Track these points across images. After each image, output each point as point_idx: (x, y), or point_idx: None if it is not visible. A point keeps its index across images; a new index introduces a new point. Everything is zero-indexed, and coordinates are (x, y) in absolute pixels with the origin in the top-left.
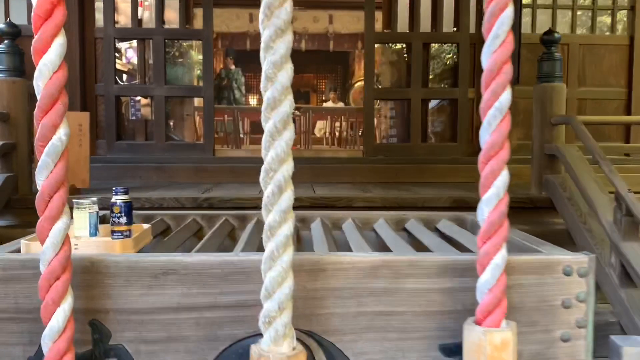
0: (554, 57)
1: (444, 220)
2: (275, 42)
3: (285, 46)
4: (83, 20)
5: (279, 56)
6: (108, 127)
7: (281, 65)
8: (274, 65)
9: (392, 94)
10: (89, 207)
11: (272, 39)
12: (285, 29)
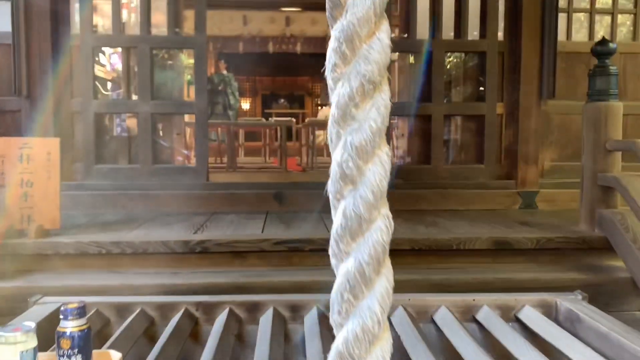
0: (608, 71)
1: (528, 309)
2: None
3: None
4: (56, 25)
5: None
6: (86, 149)
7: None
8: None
9: (411, 110)
10: (21, 342)
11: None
12: (379, 82)
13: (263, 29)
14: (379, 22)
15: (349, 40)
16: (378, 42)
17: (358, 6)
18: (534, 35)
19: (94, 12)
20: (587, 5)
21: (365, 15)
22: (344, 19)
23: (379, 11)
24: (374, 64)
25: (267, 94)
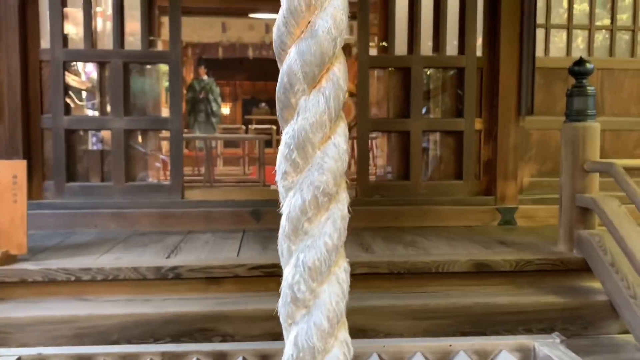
0: (586, 91)
1: (505, 354)
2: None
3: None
4: (25, 39)
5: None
6: (57, 167)
7: None
8: None
9: (390, 125)
10: None
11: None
12: (335, 192)
13: (242, 36)
14: (335, 125)
15: (301, 148)
16: (334, 147)
17: (310, 110)
18: (513, 51)
19: (66, 20)
20: (564, 22)
21: (318, 119)
22: (294, 123)
23: (335, 114)
24: (328, 173)
25: (248, 99)
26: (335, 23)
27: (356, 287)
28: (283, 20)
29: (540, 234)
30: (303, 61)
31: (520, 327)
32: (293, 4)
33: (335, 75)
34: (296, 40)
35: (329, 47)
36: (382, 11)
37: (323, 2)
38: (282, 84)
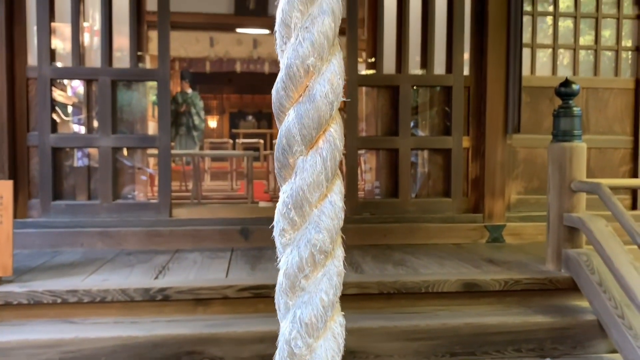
0: (572, 112)
1: None
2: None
3: None
4: (12, 56)
5: None
6: (43, 185)
7: None
8: None
9: (379, 143)
10: None
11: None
12: (331, 249)
13: (230, 50)
14: (332, 184)
15: (298, 207)
16: (330, 205)
17: (308, 170)
18: (499, 70)
19: (53, 35)
20: (550, 42)
21: (315, 180)
22: (293, 183)
23: (331, 173)
24: (325, 231)
25: (235, 112)
26: (333, 88)
27: (346, 308)
28: (282, 84)
29: (528, 252)
30: (301, 124)
31: (510, 347)
32: (292, 70)
33: (332, 136)
34: (294, 104)
35: (326, 111)
36: (370, 29)
37: (320, 68)
38: (280, 145)
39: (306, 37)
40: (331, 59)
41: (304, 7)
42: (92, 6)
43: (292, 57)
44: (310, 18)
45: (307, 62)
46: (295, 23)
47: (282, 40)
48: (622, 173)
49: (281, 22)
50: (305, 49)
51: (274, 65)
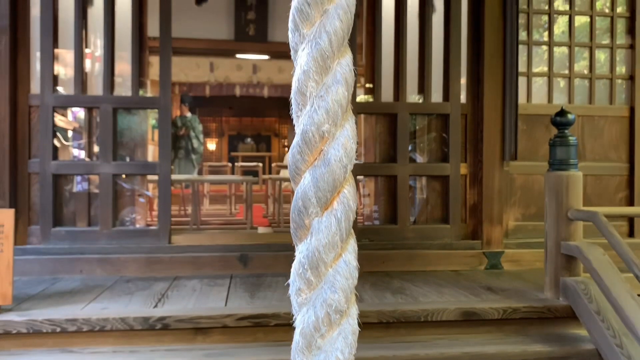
0: (568, 141)
1: None
2: (329, 333)
3: None
4: (15, 84)
5: None
6: (43, 212)
7: None
8: None
9: (377, 170)
10: None
11: (322, 330)
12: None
13: (230, 75)
14: (346, 244)
15: (314, 267)
16: (344, 265)
17: (323, 231)
18: (496, 98)
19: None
20: (545, 66)
21: (330, 240)
22: (309, 243)
23: (346, 234)
24: (340, 291)
25: (234, 135)
26: (346, 152)
27: None
28: (298, 148)
29: (527, 279)
30: (317, 187)
31: None
32: (308, 135)
33: (346, 197)
34: (310, 167)
35: (340, 174)
36: (369, 55)
37: (335, 133)
38: (296, 206)
39: (321, 105)
40: (344, 124)
41: (319, 77)
42: (94, 32)
43: (308, 123)
44: (324, 87)
45: (322, 128)
46: (311, 92)
47: (297, 107)
48: (618, 199)
49: (297, 90)
50: (320, 116)
51: (273, 89)
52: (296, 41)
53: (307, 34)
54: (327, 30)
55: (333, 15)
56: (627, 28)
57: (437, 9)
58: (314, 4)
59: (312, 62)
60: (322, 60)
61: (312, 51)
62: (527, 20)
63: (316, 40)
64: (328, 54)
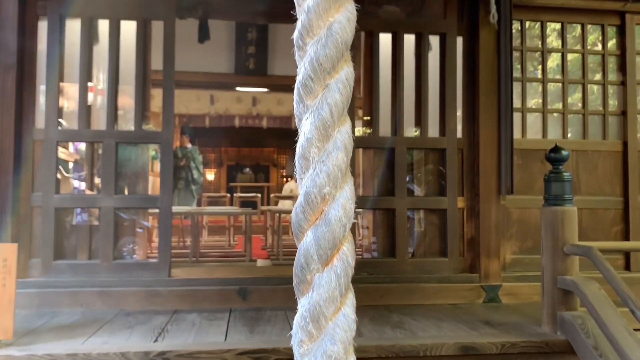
0: (562, 177)
1: None
2: None
3: None
4: (20, 119)
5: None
6: (45, 245)
7: None
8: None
9: (376, 203)
10: None
11: None
12: None
13: (230, 108)
14: (345, 297)
15: (315, 320)
16: (343, 318)
17: (324, 286)
18: (491, 133)
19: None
20: (540, 106)
21: (331, 295)
22: (310, 297)
23: (345, 288)
24: (339, 343)
25: (233, 165)
26: (345, 212)
27: None
28: (301, 208)
29: (525, 313)
30: (318, 245)
31: None
32: (310, 197)
33: (345, 254)
34: (312, 226)
35: (340, 232)
36: (366, 88)
37: (335, 195)
38: (299, 262)
39: (322, 169)
40: (344, 186)
41: (321, 144)
42: (97, 66)
43: (311, 186)
44: (326, 153)
45: (324, 190)
46: (313, 157)
47: (301, 170)
48: (613, 233)
49: (301, 155)
50: (322, 180)
51: (272, 120)
52: (301, 111)
53: (310, 105)
54: (329, 102)
55: (334, 89)
56: (618, 65)
57: (433, 46)
58: (316, 78)
59: (314, 131)
60: (324, 129)
61: (315, 120)
62: (521, 57)
63: (318, 111)
64: (329, 123)
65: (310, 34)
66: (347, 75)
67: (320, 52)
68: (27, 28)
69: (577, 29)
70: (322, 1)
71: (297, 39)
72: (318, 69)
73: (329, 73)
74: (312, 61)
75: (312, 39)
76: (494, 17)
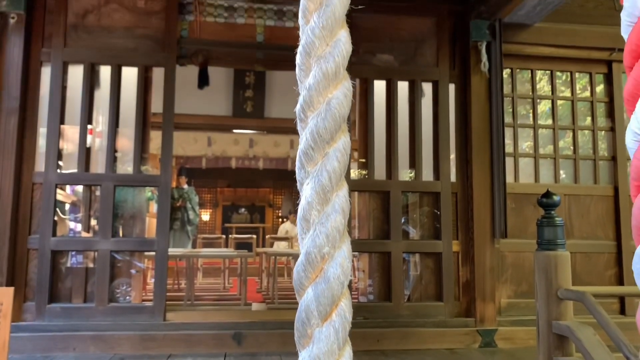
0: (554, 222)
1: None
2: None
3: None
4: (20, 162)
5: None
6: (40, 288)
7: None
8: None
9: (372, 247)
10: None
11: None
12: None
13: (227, 149)
14: (343, 350)
15: None
16: None
17: (323, 340)
18: (484, 177)
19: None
20: (531, 145)
21: (330, 348)
22: (310, 351)
23: (343, 342)
24: None
25: (228, 205)
26: (343, 270)
27: None
28: (302, 267)
29: (521, 358)
30: (318, 301)
31: None
32: (310, 256)
33: (343, 309)
34: (312, 283)
35: (338, 289)
36: (362, 130)
37: (333, 254)
38: (300, 318)
39: (322, 230)
40: (342, 246)
41: (321, 207)
42: (97, 109)
43: (311, 246)
44: (325, 215)
45: (323, 250)
46: (314, 219)
47: (302, 231)
48: (608, 277)
49: (302, 217)
50: (321, 240)
51: (268, 161)
52: (302, 177)
53: (311, 171)
54: (328, 169)
55: (332, 157)
56: (607, 112)
57: (426, 92)
58: (317, 148)
59: (314, 195)
60: (323, 194)
61: (315, 186)
62: (512, 103)
63: (318, 177)
64: (328, 189)
65: (311, 108)
66: (344, 144)
67: (320, 124)
68: (31, 74)
69: (566, 75)
70: (322, 80)
71: (300, 112)
72: (318, 139)
73: (328, 143)
74: (312, 132)
75: (312, 113)
76: (485, 65)
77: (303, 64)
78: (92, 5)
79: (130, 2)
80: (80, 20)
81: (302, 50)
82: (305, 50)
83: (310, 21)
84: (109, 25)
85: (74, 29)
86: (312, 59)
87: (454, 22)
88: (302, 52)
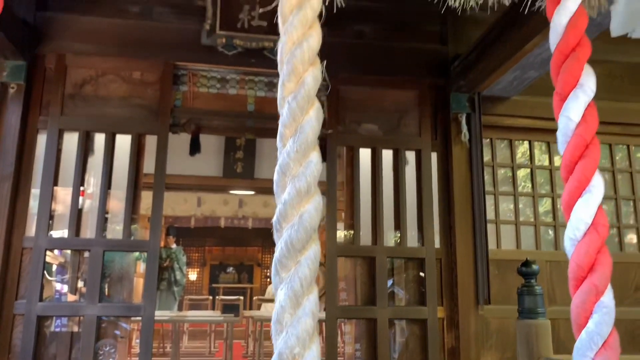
0: (534, 291)
1: None
2: None
3: None
4: (12, 227)
5: None
6: (24, 355)
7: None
8: None
9: (358, 313)
10: None
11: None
12: None
13: (216, 209)
14: None
15: None
16: None
17: None
18: (467, 244)
19: None
20: (512, 218)
21: None
22: None
23: None
24: None
25: (216, 264)
26: None
27: None
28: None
29: None
30: None
31: None
32: (282, 357)
33: None
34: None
35: None
36: (349, 193)
37: (303, 354)
38: None
39: (293, 333)
40: (311, 346)
41: (293, 310)
42: (88, 171)
43: (283, 347)
44: (296, 318)
45: (294, 351)
46: (286, 322)
47: (276, 333)
48: None
49: (276, 320)
50: (292, 342)
51: (257, 221)
52: (277, 282)
53: (284, 277)
54: (299, 276)
55: (304, 265)
56: None
57: (410, 160)
58: (290, 256)
59: (287, 300)
60: (295, 298)
61: (288, 291)
62: (492, 171)
63: (291, 283)
64: (300, 293)
65: (285, 220)
66: (314, 253)
67: (294, 235)
68: (27, 141)
69: (545, 145)
70: (295, 196)
71: (276, 223)
72: (291, 249)
73: (300, 252)
74: (286, 242)
75: (287, 224)
76: (465, 136)
77: (280, 181)
78: (90, 76)
79: (126, 74)
80: (77, 90)
81: (279, 170)
82: (281, 169)
83: (287, 145)
84: (105, 95)
85: (71, 98)
86: (287, 177)
87: (436, 95)
88: (279, 172)
